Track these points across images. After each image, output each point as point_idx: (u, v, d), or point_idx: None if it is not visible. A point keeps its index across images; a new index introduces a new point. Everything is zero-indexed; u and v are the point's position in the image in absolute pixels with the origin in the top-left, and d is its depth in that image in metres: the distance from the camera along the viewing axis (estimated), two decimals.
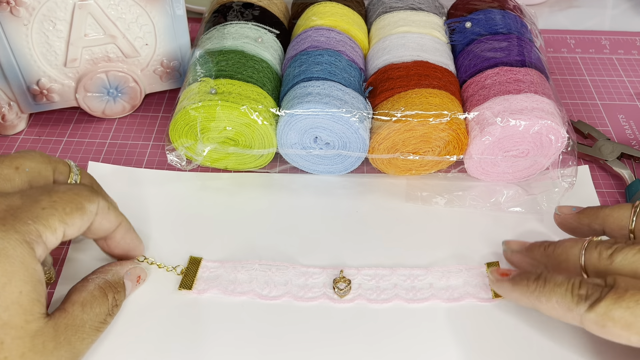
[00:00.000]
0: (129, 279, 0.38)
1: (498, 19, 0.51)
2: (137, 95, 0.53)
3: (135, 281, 0.38)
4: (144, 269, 0.40)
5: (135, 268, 0.39)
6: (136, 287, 0.39)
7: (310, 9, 0.53)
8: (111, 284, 0.36)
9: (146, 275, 0.40)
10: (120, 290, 0.37)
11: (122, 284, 0.37)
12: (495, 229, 0.44)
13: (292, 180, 0.48)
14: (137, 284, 0.39)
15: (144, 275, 0.40)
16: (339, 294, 0.39)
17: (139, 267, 0.39)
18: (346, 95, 0.44)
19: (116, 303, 0.36)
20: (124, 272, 0.38)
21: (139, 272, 0.39)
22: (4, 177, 0.33)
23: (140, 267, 0.39)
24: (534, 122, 0.42)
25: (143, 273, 0.39)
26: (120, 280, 0.37)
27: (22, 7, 0.44)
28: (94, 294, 0.35)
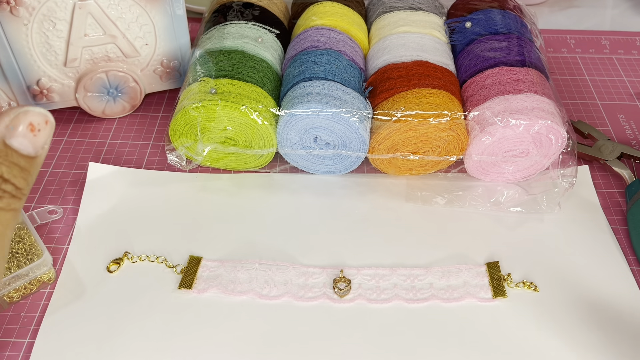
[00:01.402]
0: (16, 135, 0.25)
1: (498, 19, 0.51)
2: (137, 95, 0.53)
3: (29, 133, 0.25)
4: (33, 110, 0.25)
5: (18, 116, 0.25)
6: (40, 138, 0.25)
7: (310, 9, 0.53)
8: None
9: (43, 115, 0.25)
10: (1, 160, 0.25)
11: (2, 151, 0.25)
12: (495, 229, 0.44)
13: (292, 180, 0.48)
14: (35, 134, 0.25)
15: (38, 117, 0.25)
16: (339, 294, 0.39)
17: (23, 112, 0.25)
18: (346, 95, 0.44)
19: (3, 178, 0.24)
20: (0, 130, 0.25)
21: (27, 117, 0.25)
22: None
23: (26, 110, 0.25)
24: (534, 122, 0.42)
25: (35, 116, 0.25)
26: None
27: (22, 7, 0.44)
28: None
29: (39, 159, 0.26)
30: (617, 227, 0.45)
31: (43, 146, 0.26)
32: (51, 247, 0.43)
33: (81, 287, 0.40)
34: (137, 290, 0.40)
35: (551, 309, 0.39)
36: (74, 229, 0.44)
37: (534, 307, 0.39)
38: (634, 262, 0.43)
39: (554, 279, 0.41)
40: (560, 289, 0.40)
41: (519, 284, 0.40)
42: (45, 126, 0.26)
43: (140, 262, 0.42)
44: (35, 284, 0.40)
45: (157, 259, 0.42)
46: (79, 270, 0.41)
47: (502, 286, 0.40)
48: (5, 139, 0.25)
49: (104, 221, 0.44)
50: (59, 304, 0.39)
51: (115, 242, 0.43)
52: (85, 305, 0.39)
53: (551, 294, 0.40)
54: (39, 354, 0.36)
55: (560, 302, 0.40)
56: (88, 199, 0.46)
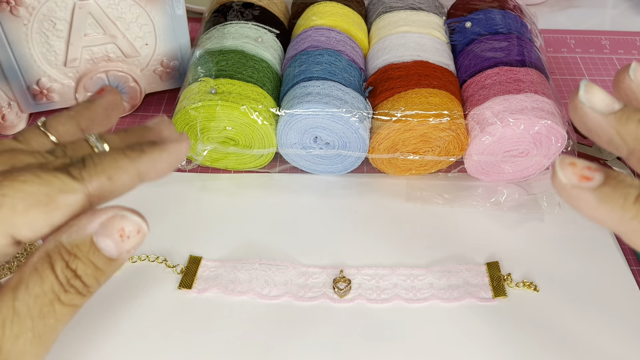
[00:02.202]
0: (105, 235, 0.24)
1: (498, 19, 0.51)
2: (137, 95, 0.52)
3: (118, 238, 0.24)
4: (132, 217, 0.25)
5: (114, 218, 0.24)
6: (128, 245, 0.25)
7: (310, 9, 0.53)
8: (65, 248, 0.24)
9: (139, 224, 0.25)
10: (82, 256, 0.24)
11: (87, 247, 0.24)
12: (495, 229, 0.44)
13: (292, 180, 0.48)
14: (124, 241, 0.25)
15: (133, 226, 0.25)
16: (339, 294, 0.39)
17: (121, 215, 0.25)
18: (346, 95, 0.44)
19: (74, 274, 0.24)
20: (92, 227, 0.24)
21: (122, 223, 0.25)
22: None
23: (124, 214, 0.25)
24: (534, 121, 0.42)
25: (130, 223, 0.25)
26: (84, 241, 0.24)
27: (22, 7, 0.44)
28: (35, 267, 0.23)
29: (119, 262, 0.25)
30: None
31: (129, 251, 0.25)
32: None
33: None
34: (137, 290, 0.40)
35: (551, 309, 0.39)
36: None
37: (534, 307, 0.39)
38: (634, 262, 0.43)
39: (554, 279, 0.41)
40: (560, 289, 0.40)
41: (519, 284, 0.40)
42: (137, 235, 0.25)
43: (140, 262, 0.42)
44: None
45: (157, 259, 0.42)
46: None
47: (502, 286, 0.40)
48: (94, 236, 0.24)
49: None
50: None
51: None
52: (85, 305, 0.39)
53: (551, 294, 0.40)
54: None
55: (560, 302, 0.40)
56: None
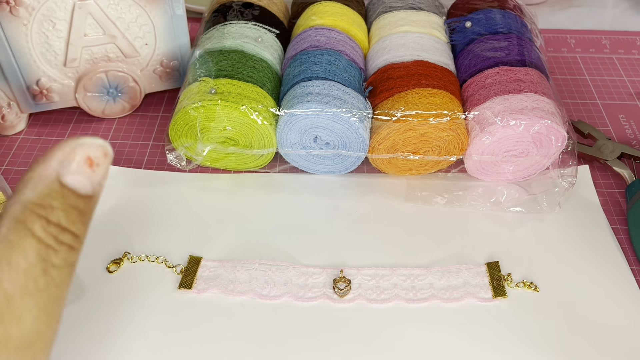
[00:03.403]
0: (72, 172, 0.22)
1: (498, 19, 0.51)
2: (137, 95, 0.52)
3: (86, 169, 0.22)
4: (91, 141, 0.22)
5: (74, 149, 0.22)
6: (98, 173, 0.23)
7: (310, 9, 0.53)
8: (34, 204, 0.21)
9: (102, 147, 0.23)
10: (56, 204, 0.21)
11: (57, 191, 0.21)
12: (495, 229, 0.44)
13: (292, 180, 0.48)
14: (94, 169, 0.22)
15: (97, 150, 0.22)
16: (339, 294, 0.39)
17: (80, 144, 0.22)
18: (346, 95, 0.44)
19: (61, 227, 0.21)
20: (52, 169, 0.21)
21: (85, 151, 0.22)
22: None
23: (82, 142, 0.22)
24: (534, 121, 0.42)
25: (93, 148, 0.22)
26: (52, 188, 0.21)
27: (22, 7, 0.44)
28: (9, 239, 0.20)
29: (95, 198, 0.22)
30: (617, 227, 0.45)
31: (100, 183, 0.23)
32: None
33: (81, 287, 0.40)
34: (137, 290, 0.40)
35: (551, 309, 0.39)
36: None
37: (534, 307, 0.39)
38: (634, 262, 0.43)
39: (554, 279, 0.41)
40: (560, 289, 0.40)
41: (519, 284, 0.40)
42: (104, 159, 0.23)
43: (140, 262, 0.42)
44: None
45: (157, 259, 0.42)
46: (78, 271, 0.41)
47: (502, 286, 0.40)
48: (61, 177, 0.21)
49: (103, 221, 0.44)
50: None
51: (115, 242, 0.43)
52: (85, 305, 0.39)
53: (551, 294, 0.40)
54: None
55: (560, 302, 0.40)
56: None
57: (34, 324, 0.21)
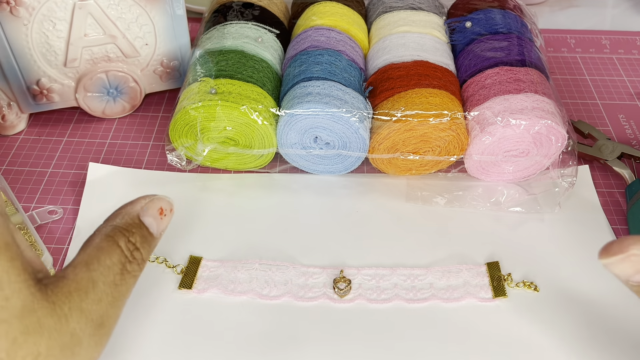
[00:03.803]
0: (148, 214, 0.31)
1: (498, 19, 0.51)
2: (137, 95, 0.52)
3: (157, 215, 0.31)
4: (165, 199, 0.32)
5: (152, 201, 0.31)
6: (164, 222, 0.32)
7: (310, 9, 0.53)
8: (122, 227, 0.30)
9: (169, 204, 0.32)
10: (135, 231, 0.30)
11: (137, 224, 0.31)
12: (495, 229, 0.44)
13: (292, 180, 0.48)
14: (162, 218, 0.32)
15: (166, 205, 0.32)
16: (339, 294, 0.39)
17: (157, 197, 0.32)
18: (346, 95, 0.44)
19: (135, 246, 0.30)
20: (136, 209, 0.31)
21: (158, 203, 0.32)
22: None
23: (159, 197, 0.32)
24: (534, 121, 0.42)
25: (164, 203, 0.32)
26: (134, 221, 0.30)
27: (22, 7, 0.44)
28: (100, 246, 0.29)
29: (156, 241, 0.31)
30: (617, 227, 0.45)
31: (163, 231, 0.32)
32: (51, 247, 0.43)
33: None
34: (137, 290, 0.40)
35: (551, 309, 0.39)
36: (74, 229, 0.44)
37: (534, 307, 0.39)
38: None
39: (554, 279, 0.41)
40: (560, 289, 0.40)
41: (519, 284, 0.40)
42: (170, 213, 0.32)
43: None
44: None
45: (157, 259, 0.42)
46: None
47: (502, 286, 0.40)
48: (140, 216, 0.31)
49: None
50: None
51: None
52: None
53: (551, 294, 0.40)
54: None
55: (560, 302, 0.40)
56: (88, 199, 0.46)
57: (108, 308, 0.28)
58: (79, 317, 0.26)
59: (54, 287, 0.26)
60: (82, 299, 0.27)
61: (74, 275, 0.27)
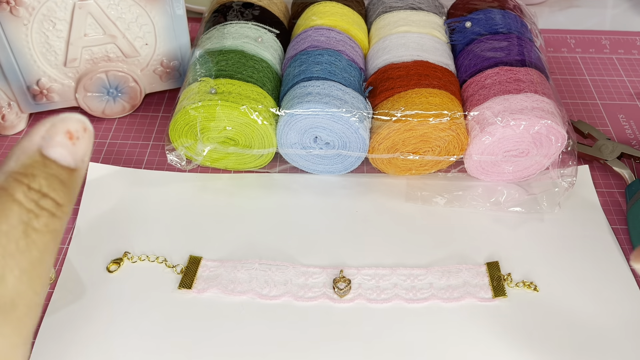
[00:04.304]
0: (53, 144, 0.23)
1: (498, 19, 0.51)
2: (137, 95, 0.53)
3: (67, 141, 0.24)
4: (71, 117, 0.24)
5: (55, 125, 0.24)
6: (80, 144, 0.24)
7: (310, 9, 0.53)
8: (17, 174, 0.23)
9: (81, 122, 0.24)
10: (38, 172, 0.23)
11: (39, 162, 0.23)
12: (495, 229, 0.44)
13: (292, 180, 0.48)
14: (74, 141, 0.24)
15: (76, 124, 0.24)
16: (339, 294, 0.39)
17: (60, 119, 0.24)
18: (346, 95, 0.44)
19: (42, 193, 0.23)
20: (35, 143, 0.23)
21: (65, 125, 0.24)
22: None
23: (63, 117, 0.24)
24: (534, 121, 0.42)
25: (73, 122, 0.24)
26: (34, 159, 0.23)
27: (22, 7, 0.44)
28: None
29: (79, 172, 0.24)
30: (617, 227, 0.45)
31: (83, 158, 0.24)
32: None
33: (81, 287, 0.40)
34: (137, 290, 0.40)
35: (551, 309, 0.39)
36: (74, 229, 0.44)
37: (534, 307, 0.39)
38: None
39: (554, 279, 0.41)
40: (560, 289, 0.40)
41: (519, 284, 0.40)
42: (84, 134, 0.24)
43: (140, 262, 0.42)
44: None
45: (157, 259, 0.42)
46: (79, 271, 0.41)
47: (502, 286, 0.40)
48: (42, 150, 0.23)
49: (104, 221, 0.44)
50: (59, 304, 0.39)
51: (115, 242, 0.43)
52: (85, 305, 0.39)
53: (551, 294, 0.40)
54: (39, 354, 0.36)
55: (560, 302, 0.40)
56: (88, 199, 0.46)
57: (16, 285, 0.22)
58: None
59: None
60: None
61: None
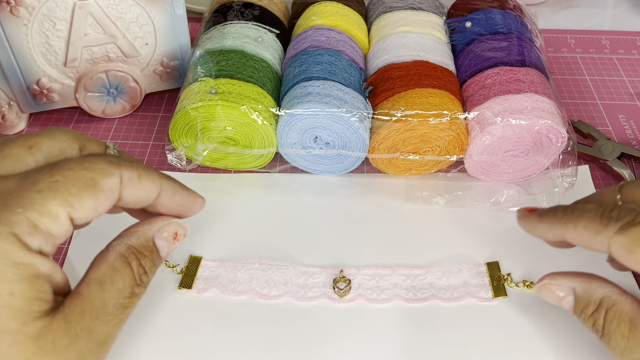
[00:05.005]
0: (162, 238, 0.31)
1: (498, 19, 0.51)
2: (137, 95, 0.53)
3: (171, 239, 0.32)
4: (181, 224, 0.32)
5: (170, 224, 0.32)
6: (174, 245, 0.32)
7: (311, 9, 0.53)
8: (136, 249, 0.30)
9: (185, 230, 0.33)
10: (148, 254, 0.30)
11: (150, 247, 0.31)
12: (495, 229, 0.44)
13: (292, 180, 0.48)
14: (174, 242, 0.32)
15: (182, 230, 0.32)
16: (339, 294, 0.39)
17: (175, 222, 0.32)
18: (346, 95, 0.44)
19: (144, 270, 0.30)
20: (153, 231, 0.31)
21: (175, 227, 0.32)
22: (14, 157, 0.28)
23: (176, 222, 0.32)
24: (534, 121, 0.42)
25: (181, 228, 0.32)
26: (148, 243, 0.31)
27: (22, 6, 0.44)
28: (115, 266, 0.29)
29: (161, 263, 0.32)
30: None
31: (170, 253, 0.32)
32: None
33: None
34: None
35: (551, 309, 0.39)
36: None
37: (534, 307, 0.39)
38: None
39: None
40: None
41: (519, 283, 0.40)
42: (183, 238, 0.32)
43: None
44: None
45: None
46: (79, 270, 0.41)
47: (502, 286, 0.40)
48: (155, 239, 0.31)
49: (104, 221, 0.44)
50: None
51: None
52: None
53: None
54: None
55: None
56: None
57: (113, 329, 0.28)
58: (87, 337, 0.27)
59: (69, 308, 0.27)
60: (92, 320, 0.27)
61: (88, 294, 0.27)
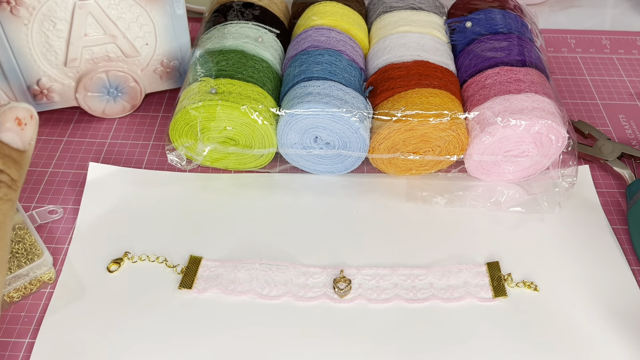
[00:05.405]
0: (4, 129, 0.27)
1: (498, 19, 0.51)
2: (137, 95, 0.53)
3: (16, 127, 0.28)
4: (18, 106, 0.28)
5: (4, 113, 0.27)
6: (27, 129, 0.28)
7: (311, 9, 0.53)
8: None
9: (28, 110, 0.28)
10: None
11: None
12: (495, 229, 0.44)
13: (292, 180, 0.48)
14: (23, 127, 0.28)
15: (24, 112, 0.28)
16: (339, 294, 0.39)
17: (9, 108, 0.28)
18: (346, 95, 0.44)
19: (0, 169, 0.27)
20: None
21: (13, 113, 0.28)
22: None
23: (11, 106, 0.28)
24: (535, 121, 0.42)
25: (20, 111, 0.28)
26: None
27: (22, 6, 0.44)
28: None
29: (27, 153, 0.28)
30: (617, 227, 0.45)
31: (30, 141, 0.28)
32: (51, 247, 0.43)
33: (81, 287, 0.40)
34: (137, 290, 0.40)
35: (551, 309, 0.39)
36: (74, 229, 0.44)
37: (534, 307, 0.39)
38: (634, 262, 0.43)
39: (554, 279, 0.41)
40: (560, 289, 0.40)
41: (519, 284, 0.40)
42: (31, 121, 0.28)
43: (140, 262, 0.42)
44: (36, 284, 0.40)
45: (157, 259, 0.42)
46: (79, 270, 0.41)
47: (503, 286, 0.40)
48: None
49: (104, 221, 0.44)
50: (59, 304, 0.39)
51: (115, 242, 0.43)
52: (86, 305, 0.39)
53: (551, 294, 0.40)
54: (39, 354, 0.36)
55: (560, 302, 0.40)
56: (88, 199, 0.46)
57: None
58: None
59: None
60: None
61: None
